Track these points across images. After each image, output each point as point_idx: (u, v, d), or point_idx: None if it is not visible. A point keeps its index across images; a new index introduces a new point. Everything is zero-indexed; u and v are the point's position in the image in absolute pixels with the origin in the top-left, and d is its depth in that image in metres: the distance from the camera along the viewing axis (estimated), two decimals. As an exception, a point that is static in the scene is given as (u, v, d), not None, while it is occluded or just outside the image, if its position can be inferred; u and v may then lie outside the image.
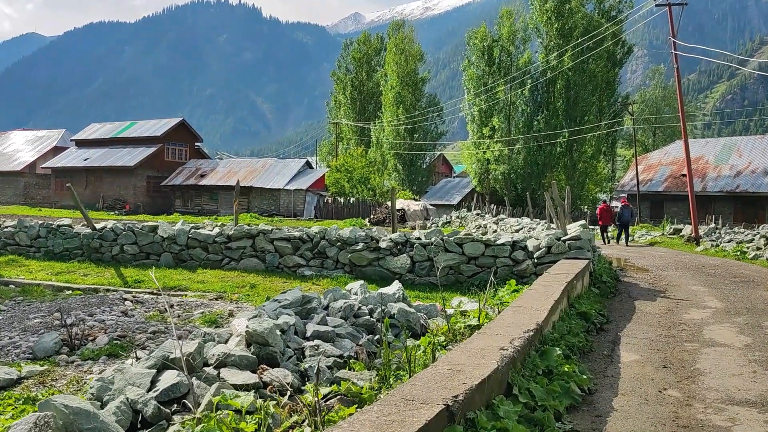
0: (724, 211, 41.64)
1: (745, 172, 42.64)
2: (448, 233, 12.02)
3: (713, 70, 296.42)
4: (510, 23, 50.57)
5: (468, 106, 53.03)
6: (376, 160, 56.31)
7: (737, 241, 20.62)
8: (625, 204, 24.84)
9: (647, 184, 46.49)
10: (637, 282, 12.26)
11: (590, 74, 47.78)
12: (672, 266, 15.61)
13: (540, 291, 7.78)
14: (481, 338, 5.32)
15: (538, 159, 49.43)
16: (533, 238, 11.59)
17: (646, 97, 65.01)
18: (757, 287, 11.80)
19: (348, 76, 68.81)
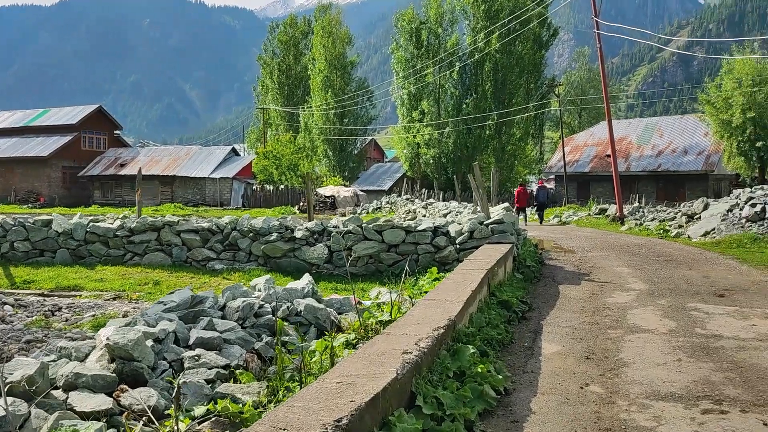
0: (648, 190, 42.74)
1: (666, 151, 43.87)
2: (368, 220, 11.40)
3: (635, 54, 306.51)
4: (437, 5, 50.22)
5: (397, 89, 52.54)
6: (305, 146, 55.15)
7: (660, 219, 20.88)
8: (541, 186, 26.41)
9: (574, 165, 47.26)
10: (563, 265, 11.97)
11: (517, 56, 48.04)
12: (597, 247, 15.50)
13: (458, 280, 7.24)
14: (383, 340, 4.69)
15: (467, 142, 49.47)
16: (455, 223, 11.10)
17: (571, 80, 66.14)
18: (680, 266, 11.70)
19: (275, 60, 67.11)
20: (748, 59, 34.62)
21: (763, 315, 7.57)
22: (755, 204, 16.17)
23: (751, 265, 11.74)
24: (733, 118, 34.64)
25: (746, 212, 16.15)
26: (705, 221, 17.72)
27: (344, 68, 60.27)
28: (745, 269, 11.20)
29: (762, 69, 34.43)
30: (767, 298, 8.59)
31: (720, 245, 15.15)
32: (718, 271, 10.99)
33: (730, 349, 6.10)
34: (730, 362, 5.70)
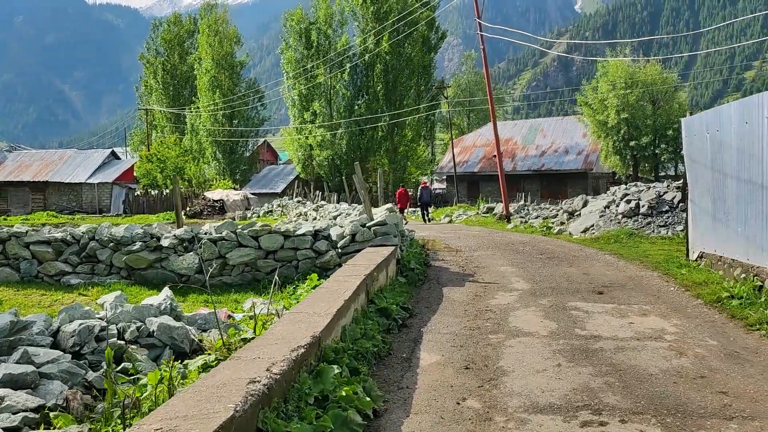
0: (533, 188, 44.23)
1: (549, 151, 45.58)
2: (243, 225, 10.63)
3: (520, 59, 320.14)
4: (326, 5, 49.62)
5: (288, 90, 51.49)
6: (192, 148, 52.89)
7: (543, 217, 21.36)
8: (424, 186, 27.27)
9: (464, 165, 48.17)
10: (449, 266, 11.73)
11: (407, 58, 48.33)
12: (484, 246, 15.48)
13: (332, 289, 6.69)
14: (230, 366, 4.05)
15: (360, 143, 49.21)
16: (337, 227, 10.56)
17: (460, 82, 67.59)
18: (561, 263, 11.76)
19: (159, 59, 64.07)
20: (621, 62, 36.56)
21: (639, 312, 7.54)
22: (630, 200, 16.76)
23: (627, 260, 11.99)
24: (608, 118, 36.42)
25: (622, 208, 16.70)
26: (584, 218, 18.22)
27: (233, 68, 58.40)
28: (622, 264, 11.39)
29: (634, 72, 36.46)
30: (643, 294, 8.65)
31: (599, 241, 15.54)
32: (597, 268, 11.10)
33: (608, 351, 5.92)
34: (609, 365, 5.50)
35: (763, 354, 5.78)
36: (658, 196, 16.45)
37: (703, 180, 9.79)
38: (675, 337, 6.36)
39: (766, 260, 7.63)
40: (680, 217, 15.67)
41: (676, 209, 16.01)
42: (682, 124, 10.58)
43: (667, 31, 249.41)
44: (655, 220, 15.86)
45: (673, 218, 15.73)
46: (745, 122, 8.07)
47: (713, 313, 7.40)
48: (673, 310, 7.63)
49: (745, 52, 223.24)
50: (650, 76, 36.38)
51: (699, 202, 10.05)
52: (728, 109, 8.69)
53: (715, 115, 9.13)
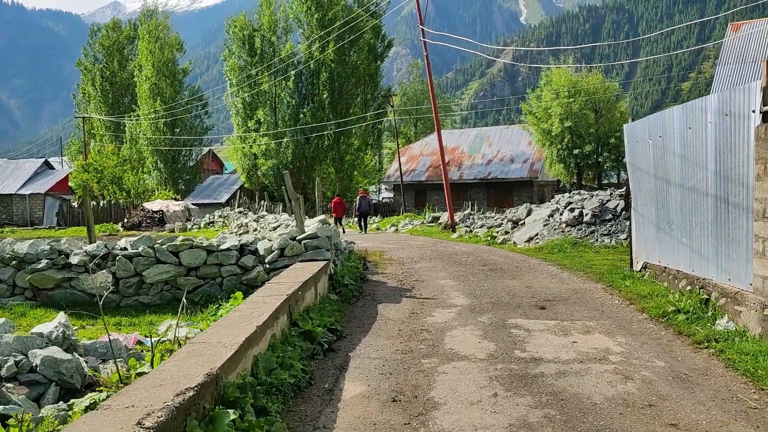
0: (479, 197, 44.20)
1: (495, 160, 45.70)
2: (163, 239, 9.79)
3: (467, 69, 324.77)
4: (270, 12, 48.77)
5: (231, 97, 50.30)
6: (131, 157, 51.05)
7: (488, 226, 21.04)
8: (362, 195, 27.29)
9: (411, 174, 47.87)
10: (387, 279, 11.13)
11: (352, 66, 47.85)
12: (426, 257, 14.96)
13: (246, 312, 5.98)
14: (91, 420, 3.31)
15: (306, 152, 48.42)
16: (266, 240, 9.83)
17: (406, 91, 67.47)
18: (504, 275, 11.30)
19: (97, 65, 61.85)
20: (564, 71, 36.87)
21: (583, 329, 7.08)
22: (573, 209, 16.53)
23: (570, 271, 11.63)
24: (552, 127, 36.63)
25: (566, 217, 16.45)
26: (529, 227, 17.93)
27: (174, 75, 56.78)
28: (565, 276, 11.01)
29: (577, 81, 36.81)
30: (587, 309, 8.22)
31: (543, 250, 15.22)
32: (540, 280, 10.68)
33: (550, 376, 5.40)
34: (550, 394, 4.97)
35: (712, 376, 5.35)
36: (601, 204, 16.27)
37: (646, 188, 9.47)
38: (620, 358, 5.89)
39: (712, 272, 7.29)
40: (623, 225, 15.51)
41: (619, 217, 15.85)
42: (624, 130, 10.28)
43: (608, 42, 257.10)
44: (599, 228, 15.65)
45: (617, 227, 15.55)
46: (688, 128, 7.75)
47: (659, 329, 7.00)
48: (617, 326, 7.21)
49: (682, 63, 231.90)
50: (592, 85, 36.81)
51: (642, 211, 9.73)
52: (670, 115, 8.37)
53: (657, 121, 8.82)
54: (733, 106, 6.67)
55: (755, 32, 21.73)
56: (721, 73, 21.16)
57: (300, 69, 49.16)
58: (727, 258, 6.89)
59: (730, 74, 20.91)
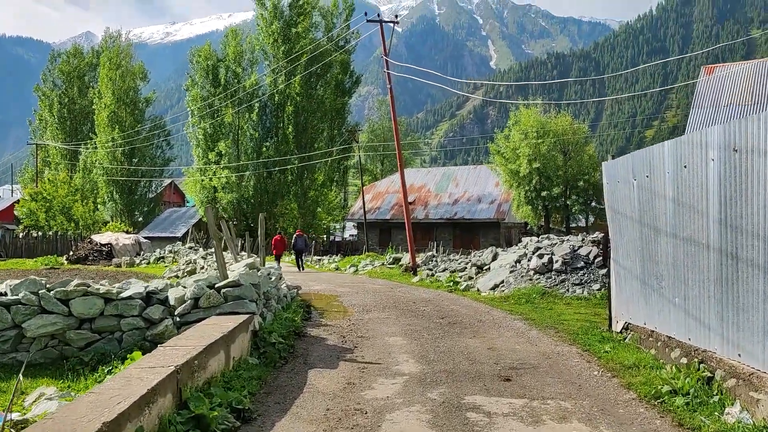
0: (445, 237, 42.97)
1: (462, 200, 44.63)
2: (53, 284, 8.08)
3: (437, 110, 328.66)
4: (236, 43, 47.60)
5: (193, 128, 48.63)
6: (83, 187, 48.76)
7: (451, 270, 19.59)
8: (299, 234, 27.57)
9: (376, 212, 46.51)
10: (328, 335, 9.54)
11: (319, 100, 46.72)
12: (380, 305, 13.42)
13: (106, 395, 4.36)
14: None
15: (268, 187, 46.83)
16: (180, 287, 8.20)
17: (374, 127, 66.62)
18: (464, 332, 9.80)
19: (55, 91, 59.80)
20: (533, 111, 36.20)
21: (558, 413, 5.59)
22: (542, 255, 15.22)
23: (540, 327, 10.18)
24: (520, 168, 35.75)
25: (534, 263, 15.11)
26: (494, 272, 16.55)
27: (135, 104, 55.05)
28: (534, 335, 9.54)
29: (545, 122, 36.13)
30: (561, 382, 6.74)
31: (509, 300, 13.80)
32: (505, 339, 9.20)
33: (515, 500, 3.88)
34: None
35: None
36: (572, 250, 14.98)
37: (629, 236, 8.13)
38: (609, 467, 4.40)
39: (715, 343, 5.90)
40: (597, 274, 14.22)
41: (591, 265, 14.56)
42: (603, 168, 8.99)
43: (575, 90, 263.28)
44: (570, 277, 14.32)
45: (589, 275, 14.24)
46: (683, 166, 6.45)
47: (653, 416, 5.54)
48: (600, 409, 5.74)
49: (645, 111, 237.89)
50: (561, 126, 36.17)
51: (624, 263, 8.37)
52: (660, 151, 7.07)
53: (643, 159, 7.52)
54: (743, 139, 5.37)
55: (728, 75, 21.09)
56: (696, 117, 20.36)
57: (265, 101, 47.92)
58: (736, 328, 5.52)
59: (705, 118, 20.12)
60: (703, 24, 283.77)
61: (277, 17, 46.32)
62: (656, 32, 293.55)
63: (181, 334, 6.44)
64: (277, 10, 46.69)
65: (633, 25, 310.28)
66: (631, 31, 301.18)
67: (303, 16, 46.71)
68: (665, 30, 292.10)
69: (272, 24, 46.05)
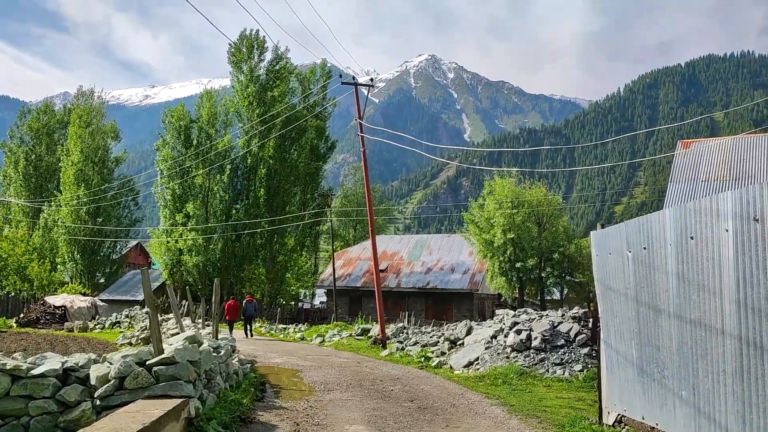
0: (417, 307, 41.78)
1: (435, 268, 43.72)
2: (-50, 357, 6.83)
3: (412, 180, 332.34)
4: (210, 104, 47.16)
5: (161, 188, 47.46)
6: (42, 246, 46.86)
7: (423, 344, 18.38)
8: (249, 300, 27.91)
9: (347, 279, 45.28)
10: (279, 422, 8.31)
11: (292, 164, 46.08)
12: (344, 383, 12.20)
13: None
14: None
15: (236, 250, 45.47)
16: (105, 364, 7.00)
17: (347, 193, 66.08)
18: (435, 419, 8.65)
19: (22, 148, 58.46)
20: (508, 181, 35.90)
21: None
22: (520, 330, 14.21)
23: (520, 416, 9.07)
24: (494, 238, 35.13)
25: (511, 340, 14.08)
26: (468, 348, 15.45)
27: (104, 163, 53.81)
28: (515, 426, 8.42)
29: (520, 193, 35.80)
30: (550, 492, 5.64)
31: (484, 381, 12.67)
32: (481, 429, 8.07)
33: None
34: None
35: None
36: (552, 327, 14.01)
37: (622, 316, 7.21)
38: None
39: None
40: (578, 353, 13.22)
41: (573, 344, 13.57)
42: (592, 238, 8.14)
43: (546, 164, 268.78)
44: (550, 356, 13.29)
45: (570, 354, 13.23)
46: (690, 237, 5.61)
47: None
48: None
49: (615, 188, 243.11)
50: (536, 197, 35.85)
51: (617, 346, 7.41)
52: (660, 219, 6.24)
53: (640, 227, 6.68)
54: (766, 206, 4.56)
55: (706, 150, 20.88)
56: (674, 191, 19.95)
57: (237, 163, 47.16)
58: (765, 434, 4.55)
59: (683, 192, 19.71)
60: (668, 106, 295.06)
61: (253, 81, 46.14)
62: (624, 111, 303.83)
63: (89, 427, 5.25)
64: (253, 73, 46.59)
65: (602, 104, 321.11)
66: (600, 110, 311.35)
67: (279, 81, 46.61)
68: (632, 110, 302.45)
69: (248, 87, 45.81)
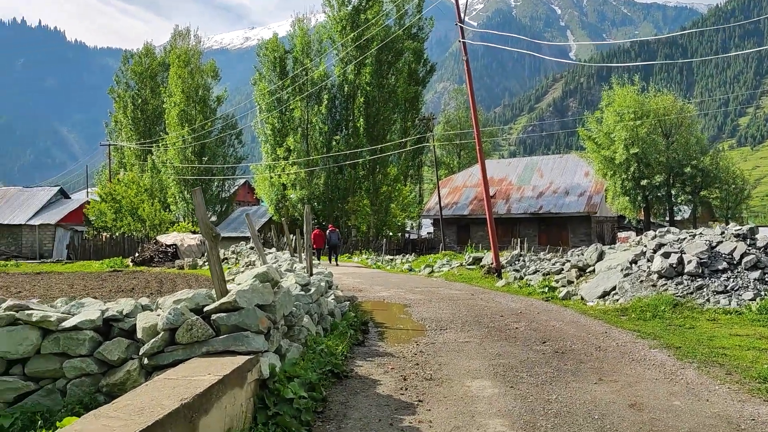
0: (529, 233, 39.33)
1: (547, 192, 40.83)
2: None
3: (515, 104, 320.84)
4: (303, 33, 45.52)
5: (261, 124, 46.97)
6: (152, 187, 47.99)
7: (544, 272, 16.28)
8: (332, 229, 29.22)
9: (453, 207, 43.32)
10: (383, 374, 6.64)
11: (390, 90, 43.93)
12: (459, 319, 10.44)
13: None
14: None
15: (339, 182, 44.52)
16: (151, 312, 5.53)
17: (450, 117, 63.24)
18: (581, 369, 6.67)
19: (128, 92, 59.76)
20: (629, 90, 32.00)
21: None
22: (668, 253, 11.76)
23: (695, 363, 6.89)
24: (615, 154, 31.74)
25: (658, 265, 11.69)
26: (602, 276, 13.21)
27: (205, 102, 53.95)
28: (693, 378, 6.28)
29: (643, 102, 31.89)
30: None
31: (628, 314, 10.49)
32: (649, 386, 6.01)
33: None
34: None
35: None
36: (709, 248, 11.47)
37: None
38: None
39: None
40: (746, 278, 10.70)
41: (738, 267, 11.02)
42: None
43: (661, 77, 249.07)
44: (709, 283, 10.84)
45: (737, 281, 10.72)
46: None
47: None
48: None
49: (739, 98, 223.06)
50: (662, 106, 31.81)
51: None
52: None
53: None
54: None
55: None
56: None
57: (334, 93, 45.67)
58: None
59: None
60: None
61: (345, 3, 43.90)
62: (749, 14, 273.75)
63: (109, 405, 3.71)
64: (344, -5, 44.34)
65: (723, 8, 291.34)
66: (721, 14, 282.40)
67: (372, 1, 44.09)
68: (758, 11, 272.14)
69: (340, 10, 43.66)
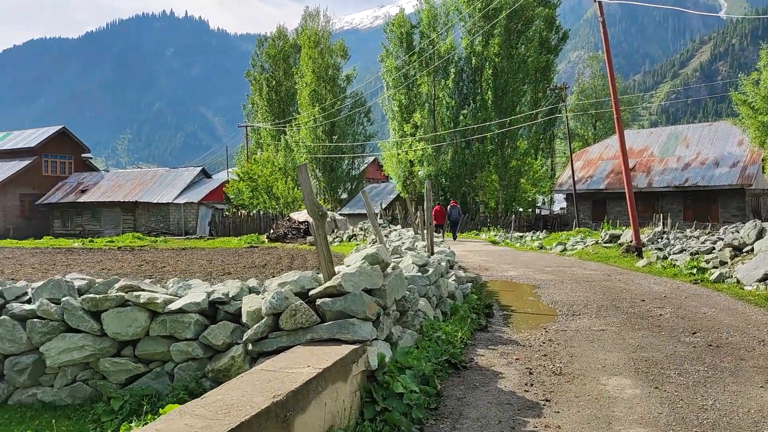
0: (673, 208, 36.42)
1: (694, 163, 37.53)
2: (89, 283, 5.58)
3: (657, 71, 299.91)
4: (430, 6, 44.75)
5: (388, 101, 47.01)
6: (285, 166, 49.63)
7: (691, 251, 14.71)
8: (453, 205, 29.72)
9: (587, 181, 41.04)
10: (506, 365, 6.03)
11: (520, 60, 42.17)
12: (593, 305, 9.54)
13: None
14: None
15: (466, 157, 43.63)
16: (255, 295, 5.27)
17: (584, 87, 59.87)
18: (742, 368, 5.68)
19: (263, 75, 62.14)
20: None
21: None
22: None
23: None
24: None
25: (835, 245, 10.05)
26: (763, 257, 11.63)
27: (334, 81, 54.85)
28: None
29: (811, 59, 28.18)
30: None
31: (798, 302, 9.08)
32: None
33: None
34: None
35: None
36: None
37: None
38: None
39: None
40: None
41: None
42: None
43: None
44: None
45: None
46: None
47: None
48: None
49: None
50: (835, 63, 27.90)
51: None
52: None
53: None
54: None
55: None
56: None
57: (461, 66, 44.63)
58: None
59: None
60: None
61: (471, -29, 42.61)
62: None
63: (198, 400, 3.42)
64: (471, -37, 42.96)
65: None
66: None
67: (500, -33, 42.42)
68: None
69: (466, -22, 42.44)
